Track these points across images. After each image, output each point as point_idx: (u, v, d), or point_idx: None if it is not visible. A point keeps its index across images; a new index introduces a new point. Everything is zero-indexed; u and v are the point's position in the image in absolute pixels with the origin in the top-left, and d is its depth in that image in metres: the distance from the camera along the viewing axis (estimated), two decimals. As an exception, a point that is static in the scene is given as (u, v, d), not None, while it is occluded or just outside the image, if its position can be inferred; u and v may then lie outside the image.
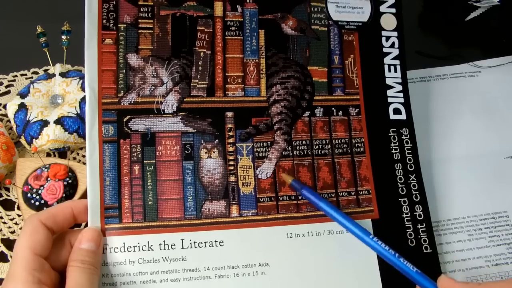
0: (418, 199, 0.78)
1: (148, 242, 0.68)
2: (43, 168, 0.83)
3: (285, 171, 0.75)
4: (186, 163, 0.72)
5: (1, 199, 0.86)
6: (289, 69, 0.77)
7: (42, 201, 0.80)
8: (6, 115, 0.92)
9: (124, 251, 0.67)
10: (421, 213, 0.77)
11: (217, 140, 0.73)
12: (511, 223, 0.84)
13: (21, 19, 1.06)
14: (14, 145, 0.88)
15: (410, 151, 0.80)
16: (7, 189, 0.86)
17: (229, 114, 0.74)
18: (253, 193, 0.73)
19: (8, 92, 0.97)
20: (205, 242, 0.70)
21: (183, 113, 0.73)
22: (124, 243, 0.67)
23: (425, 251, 0.75)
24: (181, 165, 0.72)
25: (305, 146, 0.76)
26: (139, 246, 0.68)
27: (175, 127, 0.72)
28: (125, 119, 0.71)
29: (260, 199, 0.73)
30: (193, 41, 0.75)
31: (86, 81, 0.70)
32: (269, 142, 0.75)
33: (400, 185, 0.78)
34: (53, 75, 0.92)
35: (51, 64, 0.93)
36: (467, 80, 0.97)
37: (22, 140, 0.87)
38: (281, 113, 0.76)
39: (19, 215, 0.84)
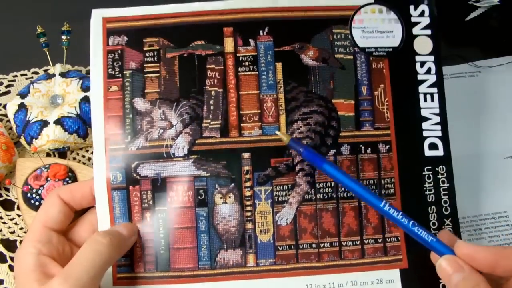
0: None
1: None
2: (43, 168, 0.83)
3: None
4: (200, 210, 0.69)
5: (1, 199, 0.86)
6: (311, 103, 0.71)
7: (42, 201, 0.80)
8: (6, 115, 0.92)
9: (136, 302, 0.65)
10: None
11: (232, 184, 0.69)
12: (511, 223, 0.84)
13: (21, 19, 1.05)
14: (14, 145, 0.88)
15: (446, 192, 0.71)
16: (7, 189, 0.87)
17: (246, 155, 0.69)
18: (272, 241, 0.68)
19: (8, 92, 0.97)
20: None
21: (195, 156, 0.69)
22: (136, 293, 0.65)
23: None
24: (194, 211, 0.68)
25: (329, 189, 0.70)
26: None
27: (186, 171, 0.69)
28: (133, 165, 0.68)
29: (278, 247, 0.68)
30: (203, 80, 0.70)
31: (93, 128, 0.69)
32: (290, 185, 0.69)
33: (433, 231, 0.69)
34: (53, 75, 0.92)
35: (51, 64, 0.93)
36: (467, 80, 0.97)
37: (22, 140, 0.87)
38: (303, 152, 0.70)
39: (19, 215, 0.85)
